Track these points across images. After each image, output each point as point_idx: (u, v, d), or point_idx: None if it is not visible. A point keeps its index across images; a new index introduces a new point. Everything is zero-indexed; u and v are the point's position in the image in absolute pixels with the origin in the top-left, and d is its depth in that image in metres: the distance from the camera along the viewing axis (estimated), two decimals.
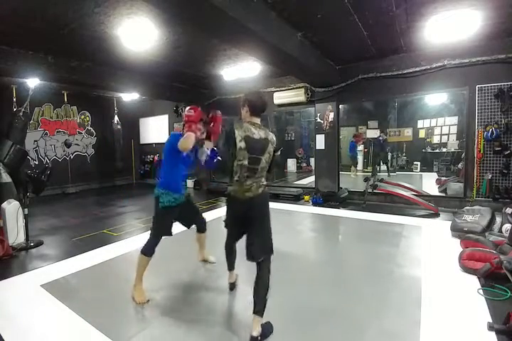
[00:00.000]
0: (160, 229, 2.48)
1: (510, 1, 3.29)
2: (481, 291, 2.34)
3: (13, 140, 4.41)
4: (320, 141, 6.25)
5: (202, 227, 2.92)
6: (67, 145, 7.88)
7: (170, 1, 2.54)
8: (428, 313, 2.07)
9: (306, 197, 6.19)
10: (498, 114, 4.54)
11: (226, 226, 2.21)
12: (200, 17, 2.86)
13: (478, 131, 4.69)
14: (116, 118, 8.04)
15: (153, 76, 6.48)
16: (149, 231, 2.51)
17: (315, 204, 5.85)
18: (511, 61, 4.40)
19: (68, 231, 4.40)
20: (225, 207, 2.17)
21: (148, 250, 2.42)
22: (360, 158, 9.32)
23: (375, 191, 5.54)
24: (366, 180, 5.68)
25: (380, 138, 8.67)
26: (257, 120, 1.97)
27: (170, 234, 2.53)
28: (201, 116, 2.31)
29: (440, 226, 4.11)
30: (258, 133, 1.92)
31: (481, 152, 4.68)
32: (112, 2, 3.15)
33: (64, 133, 8.12)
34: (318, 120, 6.21)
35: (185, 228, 2.83)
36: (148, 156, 9.74)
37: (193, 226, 2.87)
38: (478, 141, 4.70)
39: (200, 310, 2.22)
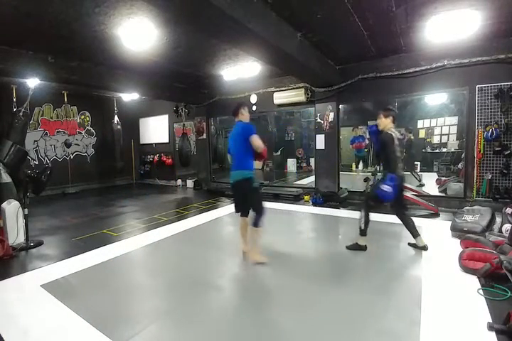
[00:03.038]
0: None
1: (510, 1, 3.29)
2: (481, 291, 2.33)
3: (13, 140, 4.41)
4: (320, 141, 6.25)
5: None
6: (67, 145, 7.89)
7: (170, 1, 2.54)
8: (428, 313, 2.07)
9: (306, 197, 6.20)
10: (498, 114, 4.54)
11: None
12: (200, 17, 2.85)
13: (478, 131, 4.69)
14: (116, 118, 8.04)
15: (153, 76, 6.47)
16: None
17: (315, 204, 5.85)
18: (511, 61, 4.40)
19: (68, 231, 4.40)
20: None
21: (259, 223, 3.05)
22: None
23: None
24: (366, 180, 5.68)
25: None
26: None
27: None
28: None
29: (440, 226, 4.11)
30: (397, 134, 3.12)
31: (481, 152, 4.68)
32: (112, 2, 3.15)
33: (64, 133, 8.12)
34: (318, 120, 6.21)
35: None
36: (148, 156, 9.75)
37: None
38: (478, 141, 4.70)
39: (199, 310, 2.22)
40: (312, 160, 8.38)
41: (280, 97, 6.56)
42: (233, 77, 6.38)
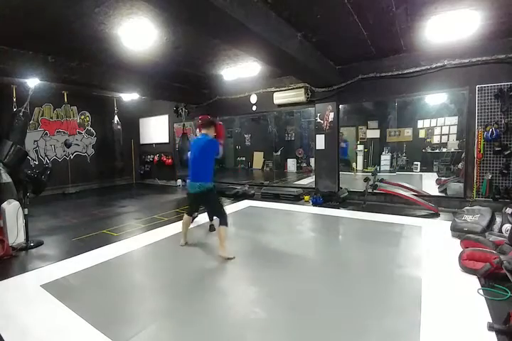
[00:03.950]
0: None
1: (509, 1, 3.29)
2: (481, 291, 2.33)
3: (13, 140, 4.40)
4: (320, 141, 6.25)
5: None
6: (67, 145, 7.88)
7: (170, 1, 2.54)
8: (428, 313, 2.07)
9: (306, 197, 6.20)
10: (498, 114, 4.54)
11: None
12: (200, 17, 2.86)
13: (478, 131, 4.68)
14: (116, 118, 8.04)
15: (153, 76, 6.47)
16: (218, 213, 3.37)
17: (315, 204, 5.85)
18: (511, 61, 4.40)
19: (68, 231, 4.40)
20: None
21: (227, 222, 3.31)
22: (360, 158, 9.33)
23: (375, 191, 5.54)
24: (366, 180, 5.68)
25: None
26: None
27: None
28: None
29: (440, 226, 4.10)
30: None
31: (481, 152, 4.68)
32: (111, 2, 3.15)
33: (64, 133, 8.12)
34: (318, 120, 6.21)
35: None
36: (148, 156, 9.74)
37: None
38: (478, 141, 4.70)
39: (199, 310, 2.22)
40: (312, 160, 8.39)
41: (280, 97, 6.56)
42: (233, 77, 6.38)
